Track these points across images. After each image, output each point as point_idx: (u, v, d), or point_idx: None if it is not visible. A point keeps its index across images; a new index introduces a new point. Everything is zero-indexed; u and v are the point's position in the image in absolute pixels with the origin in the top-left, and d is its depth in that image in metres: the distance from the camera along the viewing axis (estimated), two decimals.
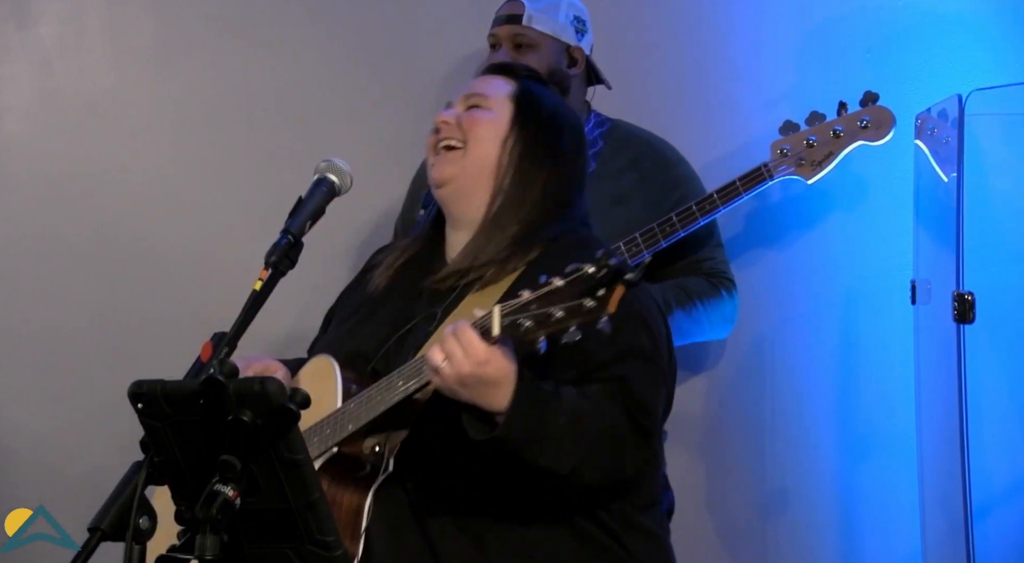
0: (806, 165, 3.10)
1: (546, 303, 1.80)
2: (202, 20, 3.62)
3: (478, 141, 2.24)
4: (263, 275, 2.06)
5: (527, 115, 2.25)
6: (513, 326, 1.83)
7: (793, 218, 3.49)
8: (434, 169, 2.28)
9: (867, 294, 3.47)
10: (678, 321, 3.07)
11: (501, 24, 3.21)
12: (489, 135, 2.24)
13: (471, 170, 2.23)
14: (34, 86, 3.60)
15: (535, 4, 3.18)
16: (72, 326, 3.55)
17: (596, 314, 1.77)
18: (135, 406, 1.69)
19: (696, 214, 3.04)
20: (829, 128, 3.09)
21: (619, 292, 1.77)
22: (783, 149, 3.10)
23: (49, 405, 3.55)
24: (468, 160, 2.23)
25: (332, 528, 1.69)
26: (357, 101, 3.63)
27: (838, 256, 3.48)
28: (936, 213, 3.22)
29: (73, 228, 3.56)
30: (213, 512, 1.61)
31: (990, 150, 3.16)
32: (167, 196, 3.59)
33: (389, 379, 2.05)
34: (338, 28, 3.63)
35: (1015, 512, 3.20)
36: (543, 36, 3.17)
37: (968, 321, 2.98)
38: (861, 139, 3.10)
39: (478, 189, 2.24)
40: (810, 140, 3.09)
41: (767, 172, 3.09)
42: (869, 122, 3.08)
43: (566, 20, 3.19)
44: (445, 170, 2.25)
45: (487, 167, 2.23)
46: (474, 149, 2.24)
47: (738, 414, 3.54)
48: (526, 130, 2.24)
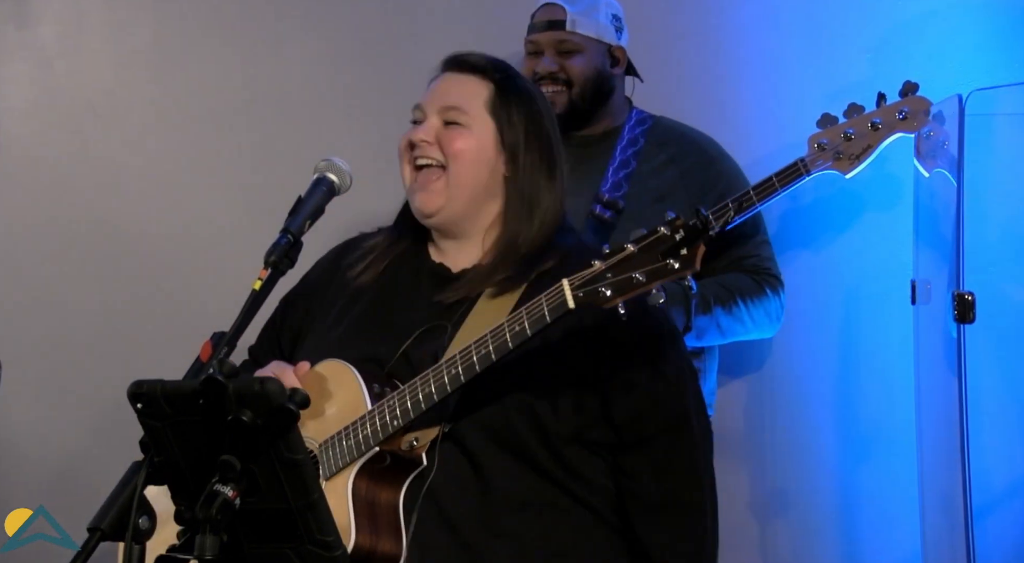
0: (844, 159, 3.02)
1: (622, 270, 1.86)
2: (202, 20, 3.62)
3: (462, 164, 2.18)
4: (263, 275, 2.07)
5: (509, 127, 2.19)
6: (593, 294, 1.88)
7: (793, 218, 3.49)
8: (417, 197, 2.21)
9: (867, 294, 3.47)
10: (718, 319, 3.03)
11: (543, 30, 3.15)
12: (472, 156, 2.18)
13: (459, 196, 2.18)
14: (34, 86, 3.60)
15: (575, 7, 3.14)
16: (72, 326, 3.55)
17: (683, 272, 1.85)
18: (135, 406, 1.69)
19: (731, 212, 2.99)
20: (867, 120, 3.01)
21: (702, 249, 1.85)
22: (821, 143, 3.04)
23: (49, 405, 3.55)
24: (453, 187, 2.18)
25: (332, 528, 1.70)
26: (357, 101, 3.63)
27: (838, 256, 3.48)
28: (936, 213, 3.21)
29: (73, 228, 3.56)
30: (213, 512, 1.61)
31: (990, 150, 3.15)
32: (167, 196, 3.59)
33: (424, 377, 2.05)
34: (338, 28, 3.63)
35: (1015, 512, 3.19)
36: (587, 39, 3.13)
37: (968, 321, 2.97)
38: (900, 131, 3.01)
39: (471, 212, 2.20)
40: (848, 133, 3.01)
41: (804, 167, 3.02)
42: (908, 113, 3.00)
43: (606, 20, 3.15)
44: (431, 201, 2.19)
45: (477, 190, 2.18)
46: (459, 173, 2.18)
47: (738, 414, 3.54)
48: (512, 146, 2.19)
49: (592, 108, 3.16)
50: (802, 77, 3.48)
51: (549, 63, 3.13)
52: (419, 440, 2.06)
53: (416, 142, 2.21)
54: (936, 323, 3.12)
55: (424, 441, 2.07)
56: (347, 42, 3.63)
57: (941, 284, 3.09)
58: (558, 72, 3.12)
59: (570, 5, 3.14)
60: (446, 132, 2.19)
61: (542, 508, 2.11)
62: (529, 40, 3.19)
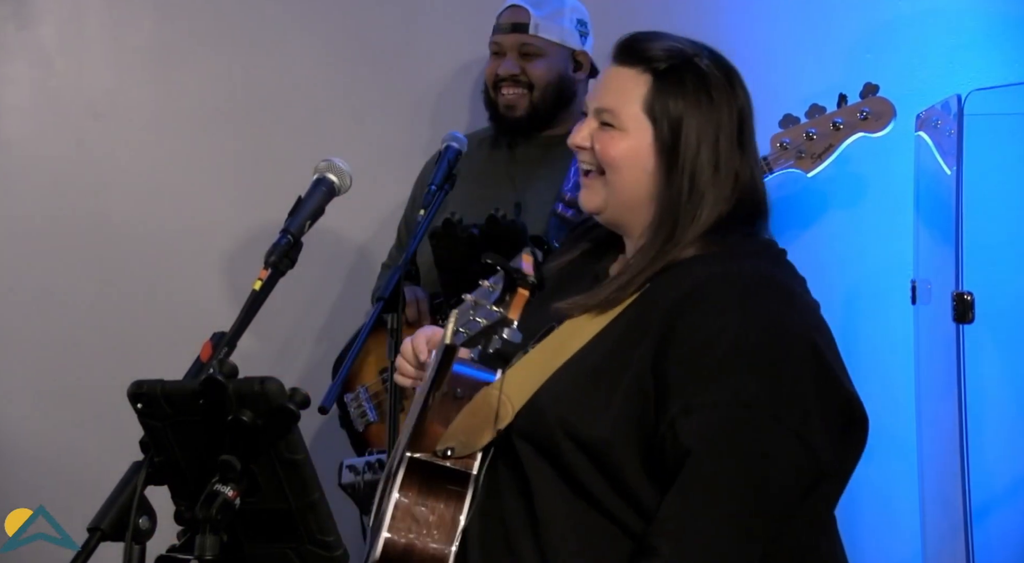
0: (806, 158, 3.08)
1: (472, 312, 1.74)
2: (202, 20, 3.62)
3: (616, 170, 1.99)
4: (263, 275, 2.06)
5: (667, 134, 1.97)
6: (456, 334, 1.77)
7: (792, 216, 3.48)
8: (581, 193, 2.07)
9: (867, 294, 3.47)
10: None
11: (507, 32, 3.19)
12: (626, 164, 1.99)
13: (617, 199, 2.02)
14: (34, 86, 3.60)
15: (541, 11, 3.17)
16: (72, 325, 3.55)
17: (504, 322, 1.68)
18: (135, 406, 1.69)
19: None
20: (829, 120, 3.08)
21: (521, 296, 1.68)
22: (783, 142, 3.09)
23: (49, 405, 3.55)
24: (610, 189, 2.01)
25: (332, 528, 1.70)
26: (357, 101, 3.63)
27: (838, 255, 3.48)
28: (936, 213, 3.21)
29: (73, 227, 3.56)
30: (213, 512, 1.61)
31: (989, 150, 3.15)
32: (167, 195, 3.59)
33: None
34: (338, 28, 3.63)
35: (1015, 512, 3.19)
36: (550, 44, 3.17)
37: (968, 321, 2.97)
38: (861, 131, 3.08)
39: (636, 211, 2.02)
40: (810, 133, 3.08)
41: (767, 166, 3.08)
42: (869, 113, 3.06)
43: (571, 25, 3.19)
44: (591, 199, 2.04)
45: (636, 193, 2.00)
46: (614, 178, 2.00)
47: None
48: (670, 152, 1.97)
49: (554, 111, 3.21)
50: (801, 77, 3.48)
51: (511, 66, 3.17)
52: (454, 450, 1.94)
53: (575, 146, 2.05)
54: (936, 323, 3.12)
55: (464, 451, 1.95)
56: (347, 42, 3.63)
57: (941, 284, 3.09)
58: (519, 75, 3.17)
59: (535, 9, 3.17)
60: (600, 134, 2.01)
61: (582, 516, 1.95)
62: (493, 41, 3.23)
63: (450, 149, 2.90)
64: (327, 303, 3.65)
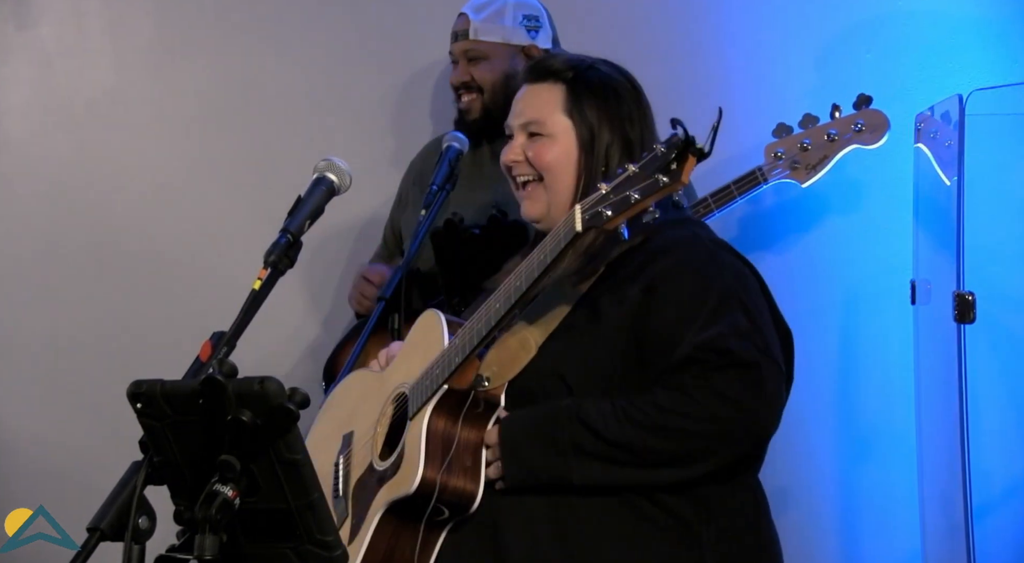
0: (800, 168, 3.09)
1: (623, 190, 1.90)
2: (202, 20, 3.62)
3: (553, 174, 2.22)
4: (262, 274, 2.06)
5: (588, 130, 2.21)
6: (596, 216, 1.92)
7: (793, 219, 3.48)
8: (523, 205, 2.28)
9: (867, 294, 3.47)
10: None
11: (454, 41, 3.24)
12: (560, 164, 2.22)
13: (556, 200, 2.22)
14: (34, 86, 3.60)
15: (479, 15, 3.21)
16: (72, 325, 3.55)
17: (672, 187, 1.86)
18: (134, 406, 1.69)
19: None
20: (823, 131, 3.07)
21: (691, 163, 1.85)
22: (777, 152, 3.09)
23: (49, 405, 3.55)
24: (551, 193, 2.22)
25: (331, 528, 1.70)
26: (357, 101, 3.63)
27: (838, 257, 3.48)
28: (936, 213, 3.21)
29: (72, 227, 3.56)
30: (212, 512, 1.61)
31: (990, 150, 3.15)
32: (166, 195, 3.59)
33: (487, 305, 2.10)
34: (338, 28, 3.63)
35: (1015, 512, 3.19)
36: (493, 46, 3.19)
37: (968, 321, 2.97)
38: (856, 143, 3.08)
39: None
40: (804, 143, 3.07)
41: (761, 176, 3.09)
42: (864, 126, 3.06)
43: (514, 23, 3.20)
44: (534, 208, 2.25)
45: (572, 190, 2.21)
46: (553, 182, 2.22)
47: None
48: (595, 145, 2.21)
49: (507, 110, 3.20)
50: (801, 77, 3.48)
51: (460, 73, 3.22)
52: (490, 380, 2.12)
53: (507, 164, 2.27)
54: (936, 323, 3.12)
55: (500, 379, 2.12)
56: (347, 42, 3.63)
57: (941, 284, 3.09)
58: (470, 81, 3.20)
59: (474, 13, 3.21)
60: (531, 145, 2.24)
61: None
62: (449, 51, 3.27)
63: (451, 149, 2.90)
64: (327, 302, 3.65)
